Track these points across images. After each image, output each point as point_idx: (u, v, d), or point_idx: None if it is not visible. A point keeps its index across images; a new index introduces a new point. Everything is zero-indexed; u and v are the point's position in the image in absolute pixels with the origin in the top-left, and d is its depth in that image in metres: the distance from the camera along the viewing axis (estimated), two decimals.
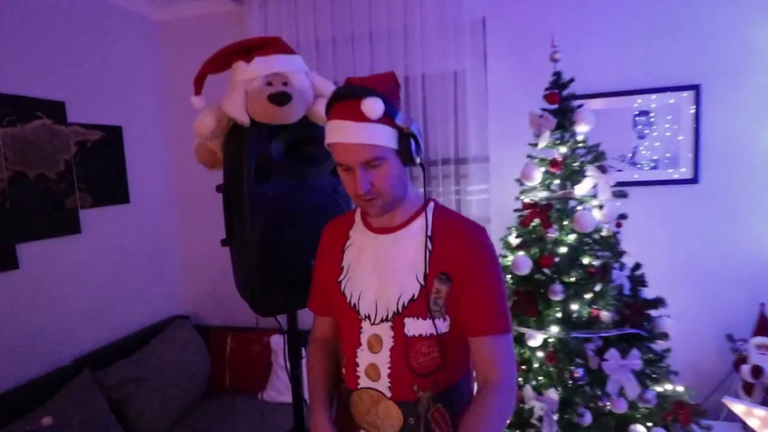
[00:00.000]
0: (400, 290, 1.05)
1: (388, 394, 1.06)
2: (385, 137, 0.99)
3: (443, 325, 1.05)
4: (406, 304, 1.05)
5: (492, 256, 1.07)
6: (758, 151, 2.25)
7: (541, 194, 1.91)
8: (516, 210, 2.05)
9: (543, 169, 1.91)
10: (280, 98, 1.32)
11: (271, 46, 1.38)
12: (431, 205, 1.13)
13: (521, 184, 2.01)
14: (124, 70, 2.69)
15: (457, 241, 1.06)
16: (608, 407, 1.75)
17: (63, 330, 2.28)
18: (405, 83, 2.51)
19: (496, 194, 2.52)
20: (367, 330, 1.08)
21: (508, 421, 1.49)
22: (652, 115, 2.34)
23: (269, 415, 2.50)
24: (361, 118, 0.96)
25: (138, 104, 2.79)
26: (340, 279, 1.14)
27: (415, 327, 1.05)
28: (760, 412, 1.91)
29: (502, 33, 2.45)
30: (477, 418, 0.98)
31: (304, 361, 1.71)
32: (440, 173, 2.53)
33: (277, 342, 2.76)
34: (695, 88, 2.26)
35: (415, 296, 1.04)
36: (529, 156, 1.97)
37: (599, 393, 1.76)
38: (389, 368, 1.06)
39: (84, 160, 2.42)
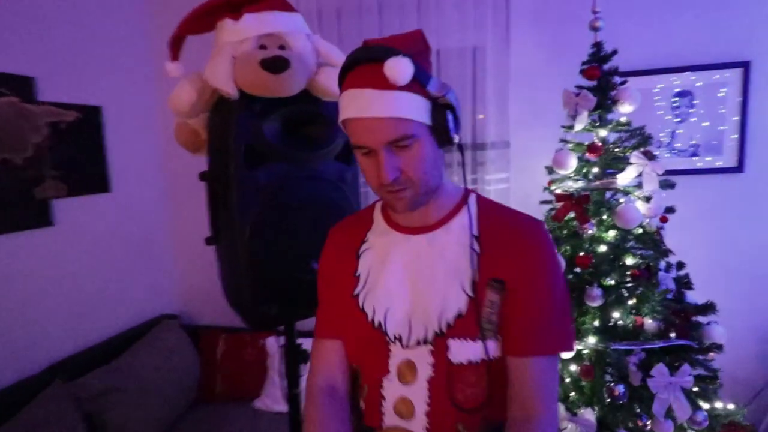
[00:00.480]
0: (442, 304, 0.82)
1: None
2: (415, 109, 0.75)
3: (495, 348, 0.81)
4: (451, 322, 0.81)
5: (554, 258, 0.84)
6: None
7: (577, 184, 1.67)
8: (544, 202, 1.81)
9: (578, 155, 1.67)
10: (276, 64, 1.07)
11: (265, 0, 1.12)
12: (472, 196, 0.89)
13: (551, 172, 1.77)
14: (104, 40, 2.39)
15: (510, 240, 0.83)
16: (651, 429, 1.53)
17: (32, 335, 2.03)
18: None
19: (517, 184, 2.28)
20: (397, 355, 0.85)
21: None
22: (693, 96, 2.09)
23: (264, 426, 2.28)
24: (385, 85, 0.73)
25: (121, 80, 2.50)
26: (356, 292, 0.90)
27: (463, 351, 0.81)
28: None
29: (528, 3, 2.18)
30: None
31: (303, 379, 1.50)
32: (454, 160, 2.29)
33: (274, 345, 2.53)
34: (744, 65, 2.01)
35: (463, 311, 0.81)
36: (563, 140, 1.72)
37: (641, 413, 1.54)
38: (427, 404, 0.82)
39: (57, 144, 2.15)
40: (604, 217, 1.61)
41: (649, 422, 1.53)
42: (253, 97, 1.14)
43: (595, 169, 1.64)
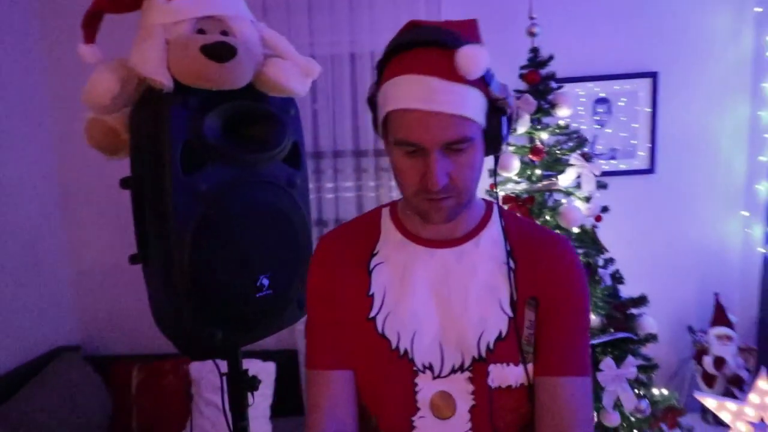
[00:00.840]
0: (481, 326, 0.73)
1: None
2: (479, 109, 0.67)
3: (532, 371, 0.75)
4: (492, 346, 0.73)
5: (584, 277, 0.79)
6: (711, 141, 2.24)
7: (520, 186, 1.69)
8: None
9: (520, 158, 1.69)
10: (221, 51, 0.92)
11: None
12: (496, 208, 0.82)
13: (492, 174, 1.78)
14: None
15: (545, 256, 0.78)
16: (599, 421, 1.58)
17: None
18: (351, 61, 2.18)
19: None
20: (427, 387, 0.74)
21: None
22: (611, 103, 2.24)
23: None
24: (455, 76, 0.64)
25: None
26: (372, 315, 0.77)
27: (503, 376, 0.74)
28: (732, 406, 1.87)
29: (458, 5, 2.19)
30: None
31: (250, 410, 1.33)
32: (371, 165, 2.26)
33: (199, 370, 2.28)
34: (653, 75, 2.19)
35: (503, 333, 0.74)
36: (507, 144, 1.73)
37: None
38: None
39: None
40: (547, 218, 1.64)
41: (596, 414, 1.58)
42: (189, 89, 0.98)
43: (538, 171, 1.67)
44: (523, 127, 1.66)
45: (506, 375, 0.73)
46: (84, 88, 0.96)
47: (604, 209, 1.70)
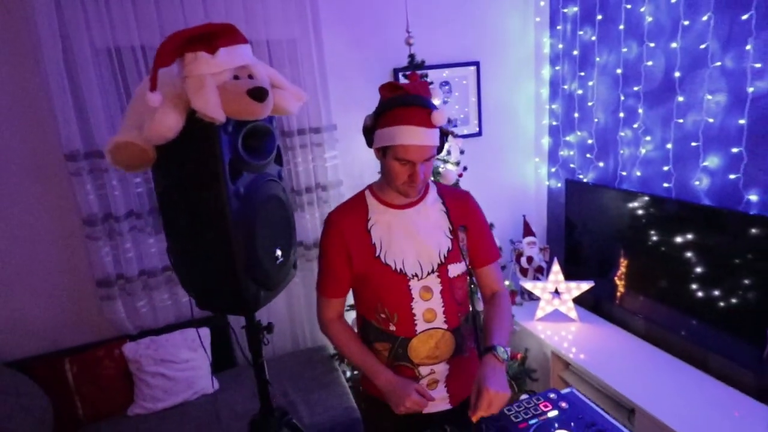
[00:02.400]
0: (438, 246, 1.32)
1: (445, 327, 1.34)
2: (438, 139, 1.23)
3: (465, 264, 1.38)
4: (446, 255, 1.33)
5: (480, 207, 1.45)
6: (513, 111, 3.19)
7: None
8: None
9: None
10: (260, 93, 1.28)
11: (231, 34, 1.29)
12: (431, 182, 1.42)
13: None
14: None
15: (462, 202, 1.40)
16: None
17: None
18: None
19: (344, 160, 2.81)
20: (416, 285, 1.31)
21: None
22: (451, 85, 2.99)
23: (155, 425, 2.30)
24: (430, 125, 1.17)
25: None
26: (378, 254, 1.31)
27: (455, 269, 1.35)
28: (540, 284, 2.92)
29: (333, 5, 2.63)
30: (506, 311, 1.37)
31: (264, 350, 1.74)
32: (297, 143, 2.64)
33: (133, 349, 2.46)
34: (476, 64, 3.00)
35: (450, 247, 1.34)
36: None
37: None
38: (443, 307, 1.33)
39: None
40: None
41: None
42: (227, 120, 1.32)
43: None
44: None
45: (456, 269, 1.36)
46: (149, 125, 1.22)
47: (465, 168, 2.46)
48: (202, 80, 1.24)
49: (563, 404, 1.30)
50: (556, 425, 1.20)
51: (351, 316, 2.14)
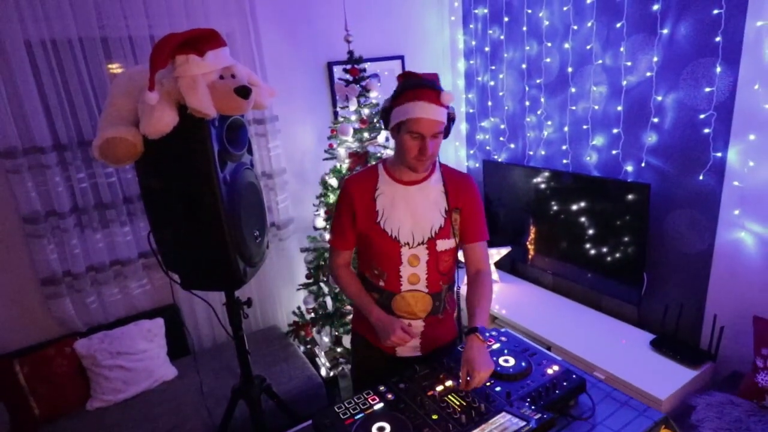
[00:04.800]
0: (431, 223, 1.53)
1: (426, 291, 1.61)
2: (446, 118, 1.40)
3: (455, 241, 1.60)
4: (436, 230, 1.54)
5: (479, 190, 1.60)
6: None
7: (354, 145, 2.57)
8: (327, 159, 2.64)
9: (353, 126, 2.55)
10: (246, 91, 1.45)
11: (215, 39, 1.44)
12: (438, 163, 1.60)
13: (331, 137, 2.59)
14: None
15: (462, 186, 1.55)
16: None
17: None
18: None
19: (286, 148, 2.97)
20: (406, 252, 1.53)
21: None
22: (379, 77, 3.26)
23: (117, 416, 2.36)
24: (439, 103, 1.37)
25: None
26: (378, 220, 1.51)
27: (443, 245, 1.53)
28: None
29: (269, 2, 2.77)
30: (488, 293, 1.54)
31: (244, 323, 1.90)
32: (253, 132, 2.76)
33: (86, 345, 2.47)
34: (401, 57, 3.30)
35: (442, 225, 1.52)
36: (343, 117, 2.56)
37: None
38: (426, 274, 1.57)
39: None
40: (372, 162, 2.58)
41: None
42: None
43: (366, 134, 2.57)
44: (353, 105, 2.51)
45: (445, 244, 1.58)
46: (147, 121, 1.34)
47: None
48: (194, 80, 1.39)
49: (503, 338, 1.65)
50: (506, 352, 1.54)
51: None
